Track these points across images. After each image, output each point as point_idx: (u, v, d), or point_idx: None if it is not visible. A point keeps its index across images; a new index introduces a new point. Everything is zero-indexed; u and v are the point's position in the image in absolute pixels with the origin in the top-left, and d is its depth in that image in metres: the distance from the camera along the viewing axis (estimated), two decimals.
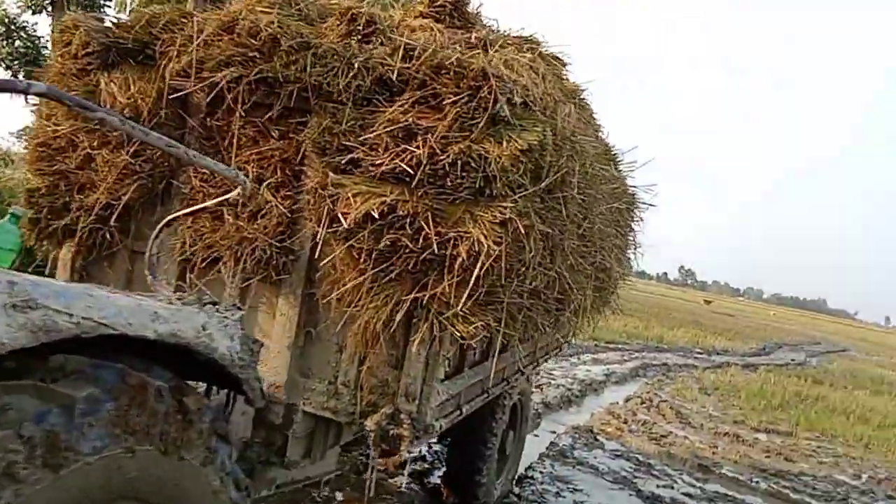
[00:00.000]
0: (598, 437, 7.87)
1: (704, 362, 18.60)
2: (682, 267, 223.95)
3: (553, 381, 10.73)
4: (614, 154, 5.66)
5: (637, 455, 7.41)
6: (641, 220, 5.98)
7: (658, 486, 6.52)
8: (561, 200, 3.31)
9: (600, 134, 5.51)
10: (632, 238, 5.92)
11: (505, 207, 2.92)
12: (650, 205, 5.77)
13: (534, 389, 9.79)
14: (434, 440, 5.87)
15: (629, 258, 5.92)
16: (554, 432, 7.94)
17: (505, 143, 2.96)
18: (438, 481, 5.37)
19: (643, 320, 27.87)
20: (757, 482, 7.34)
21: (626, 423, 8.93)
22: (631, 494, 6.10)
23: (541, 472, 6.10)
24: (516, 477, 5.77)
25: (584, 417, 9.12)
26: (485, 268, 2.87)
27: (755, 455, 8.68)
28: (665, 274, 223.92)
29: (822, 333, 56.25)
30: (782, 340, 35.87)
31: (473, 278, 2.87)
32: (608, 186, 4.82)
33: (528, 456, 6.58)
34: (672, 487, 6.58)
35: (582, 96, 4.79)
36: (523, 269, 3.07)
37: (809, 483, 7.72)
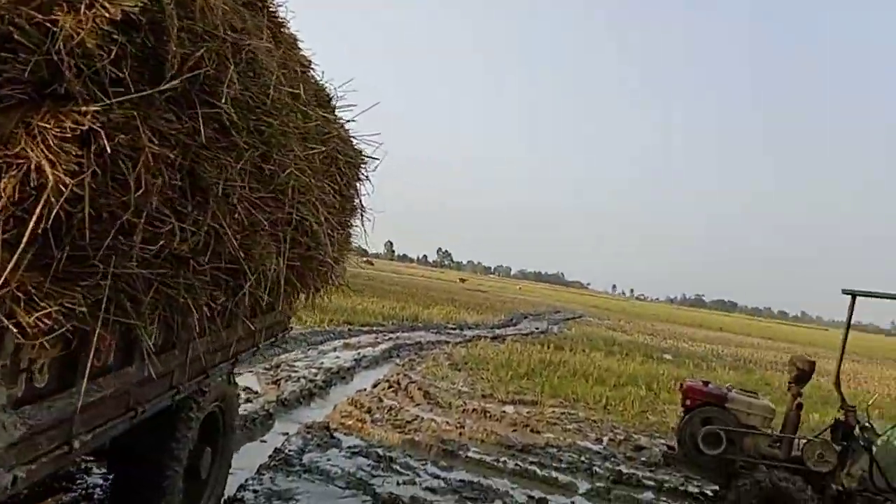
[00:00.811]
0: (336, 434, 6.94)
1: (457, 337, 18.68)
2: (440, 249, 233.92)
3: (294, 374, 9.63)
4: (329, 95, 4.68)
5: (378, 449, 6.60)
6: (368, 179, 5.11)
7: (399, 484, 5.75)
8: (201, 119, 2.22)
9: (311, 71, 4.49)
10: (357, 203, 5.01)
11: (86, 114, 1.79)
12: (374, 158, 4.90)
13: (268, 387, 8.65)
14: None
15: (353, 225, 5.00)
16: (286, 434, 6.87)
17: (85, 11, 1.81)
18: None
19: (401, 301, 27.86)
20: (504, 461, 6.92)
21: (369, 412, 8.12)
22: (365, 500, 5.23)
23: (254, 491, 4.99)
24: (221, 502, 4.59)
25: (326, 412, 8.16)
26: (52, 213, 1.74)
27: (503, 430, 8.37)
28: (425, 256, 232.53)
29: (561, 303, 61.42)
30: (528, 311, 38.19)
31: (29, 231, 1.72)
32: (312, 126, 3.83)
33: (247, 469, 5.46)
34: (414, 483, 5.85)
35: (274, 10, 3.71)
36: (131, 217, 1.94)
37: (555, 455, 7.51)
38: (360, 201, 5.03)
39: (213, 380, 3.93)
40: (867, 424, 6.03)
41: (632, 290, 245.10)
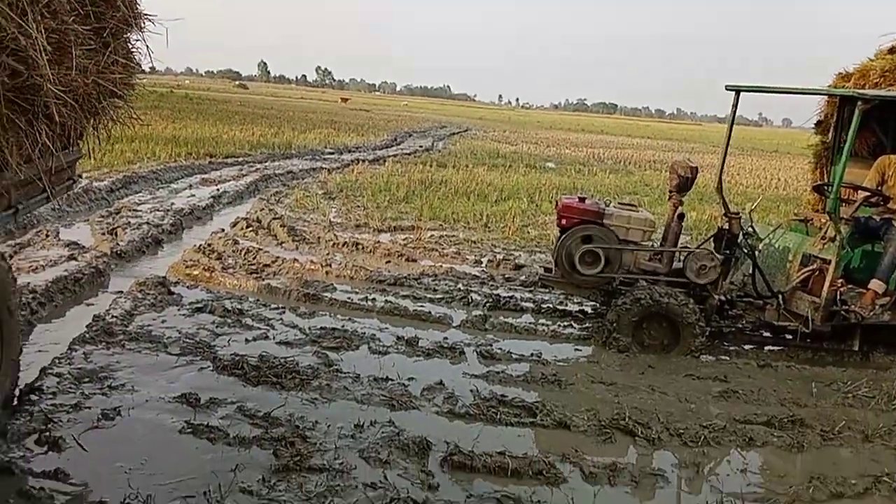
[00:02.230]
0: (176, 289, 6.05)
1: (334, 163, 17.62)
2: (318, 67, 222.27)
3: (135, 221, 8.49)
4: None
5: (226, 301, 5.80)
6: None
7: (248, 341, 5.03)
8: None
9: None
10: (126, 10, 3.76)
11: None
12: None
13: (102, 238, 7.55)
14: None
15: (127, 40, 3.80)
16: (120, 293, 5.93)
17: None
18: None
19: (274, 126, 26.11)
20: (373, 299, 6.32)
21: (220, 258, 7.24)
22: (203, 368, 4.50)
23: (58, 375, 4.12)
24: (15, 394, 3.74)
25: (173, 261, 7.21)
26: None
27: (375, 263, 7.75)
28: (304, 76, 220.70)
29: (448, 117, 60.15)
30: (412, 129, 37.00)
31: None
32: None
33: (55, 350, 4.56)
34: (267, 337, 5.15)
35: None
36: None
37: (430, 285, 6.98)
38: (131, 7, 3.80)
39: None
40: (750, 230, 5.75)
41: (517, 99, 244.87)
